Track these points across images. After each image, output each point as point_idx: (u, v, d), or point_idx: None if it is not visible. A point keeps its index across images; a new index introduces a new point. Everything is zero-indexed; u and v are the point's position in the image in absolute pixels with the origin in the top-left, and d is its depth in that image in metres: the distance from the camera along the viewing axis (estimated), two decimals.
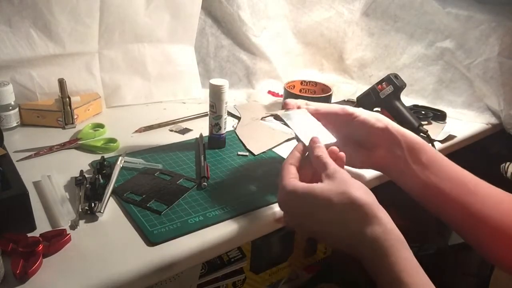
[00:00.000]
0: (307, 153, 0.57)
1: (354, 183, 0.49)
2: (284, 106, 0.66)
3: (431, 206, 0.60)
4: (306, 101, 0.66)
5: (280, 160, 0.75)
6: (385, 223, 0.47)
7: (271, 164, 0.74)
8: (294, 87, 0.98)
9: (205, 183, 0.65)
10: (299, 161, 0.56)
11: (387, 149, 0.61)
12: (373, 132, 0.61)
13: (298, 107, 0.65)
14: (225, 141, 0.79)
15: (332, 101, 0.95)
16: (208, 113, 0.77)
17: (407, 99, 1.04)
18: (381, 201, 0.49)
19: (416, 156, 0.59)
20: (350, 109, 0.63)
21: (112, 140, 0.77)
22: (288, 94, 0.93)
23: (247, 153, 0.77)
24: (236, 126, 0.88)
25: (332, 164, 0.52)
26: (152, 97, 0.99)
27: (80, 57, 0.88)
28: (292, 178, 0.53)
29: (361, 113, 0.62)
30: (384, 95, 0.89)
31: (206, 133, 0.80)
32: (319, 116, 0.63)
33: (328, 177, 0.51)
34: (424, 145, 0.60)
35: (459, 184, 0.57)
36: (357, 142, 0.63)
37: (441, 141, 0.87)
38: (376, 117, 0.62)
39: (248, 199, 0.63)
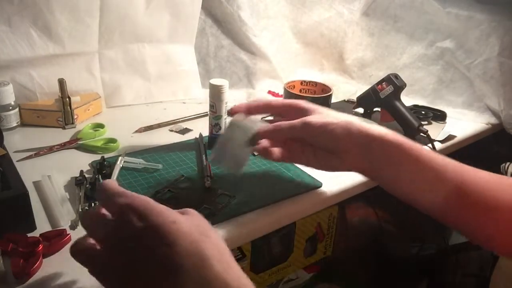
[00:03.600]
0: None
1: None
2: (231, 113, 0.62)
3: (418, 207, 0.56)
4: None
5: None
6: None
7: (271, 163, 0.74)
8: (294, 87, 0.98)
9: (209, 182, 0.65)
10: None
11: (354, 152, 0.56)
12: (338, 140, 0.56)
13: (248, 109, 0.61)
14: None
15: (332, 101, 0.95)
16: (208, 113, 0.77)
17: (407, 99, 1.04)
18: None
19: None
20: (310, 119, 0.57)
21: (112, 140, 0.77)
22: (288, 94, 0.93)
23: None
24: None
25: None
26: (152, 97, 0.98)
27: (80, 57, 0.88)
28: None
29: (318, 118, 0.57)
30: (384, 95, 0.89)
31: (206, 133, 0.80)
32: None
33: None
34: (398, 142, 0.55)
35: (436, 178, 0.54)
36: (325, 149, 0.59)
37: (441, 141, 0.87)
38: (336, 122, 0.56)
39: (248, 199, 0.63)
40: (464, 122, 0.98)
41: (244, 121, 0.59)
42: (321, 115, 0.58)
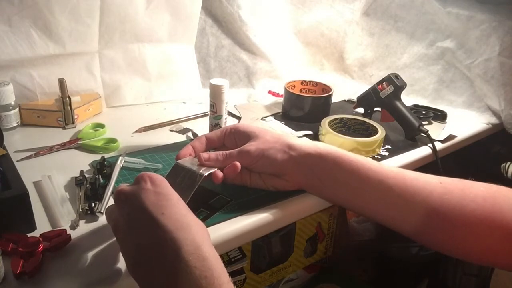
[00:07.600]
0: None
1: None
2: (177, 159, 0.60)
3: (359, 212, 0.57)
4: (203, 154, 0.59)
5: None
6: None
7: None
8: (294, 87, 0.98)
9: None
10: None
11: (297, 173, 0.58)
12: (278, 164, 0.57)
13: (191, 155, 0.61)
14: None
15: (333, 101, 0.95)
16: (209, 113, 0.77)
17: (408, 99, 1.04)
18: None
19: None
20: (248, 148, 0.58)
21: (112, 140, 0.77)
22: (288, 94, 0.93)
23: None
24: None
25: None
26: (152, 97, 0.99)
27: (80, 57, 0.88)
28: None
29: (255, 144, 0.58)
30: (384, 95, 0.89)
31: (206, 132, 0.80)
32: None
33: None
34: (334, 156, 0.56)
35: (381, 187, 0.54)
36: (267, 173, 0.60)
37: (442, 141, 0.87)
38: (275, 147, 0.57)
39: (248, 199, 0.63)
40: (464, 122, 0.98)
41: (187, 163, 0.59)
42: (259, 141, 0.59)
